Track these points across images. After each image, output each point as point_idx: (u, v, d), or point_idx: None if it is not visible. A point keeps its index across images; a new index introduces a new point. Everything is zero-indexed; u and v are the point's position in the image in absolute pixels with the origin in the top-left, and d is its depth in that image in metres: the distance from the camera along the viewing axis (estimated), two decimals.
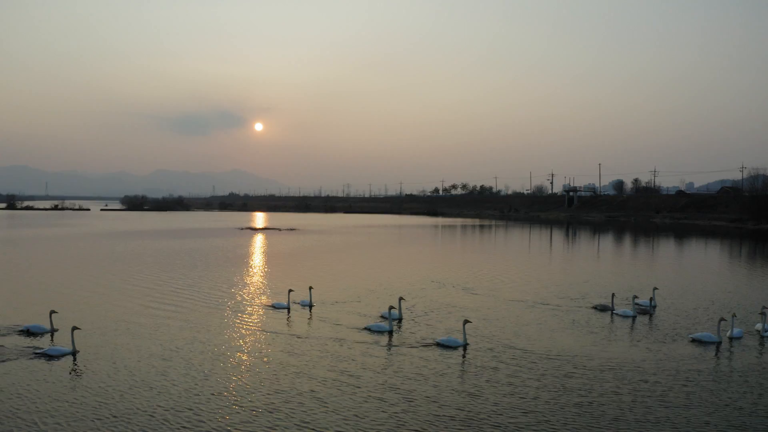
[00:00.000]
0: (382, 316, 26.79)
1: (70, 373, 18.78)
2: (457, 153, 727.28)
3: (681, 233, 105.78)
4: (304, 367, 19.41)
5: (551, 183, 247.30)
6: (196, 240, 75.90)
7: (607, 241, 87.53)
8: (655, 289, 31.94)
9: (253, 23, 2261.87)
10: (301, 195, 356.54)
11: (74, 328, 21.19)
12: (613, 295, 30.65)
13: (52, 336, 23.23)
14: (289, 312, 28.22)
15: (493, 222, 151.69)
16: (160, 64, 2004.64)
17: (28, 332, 23.56)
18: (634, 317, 27.97)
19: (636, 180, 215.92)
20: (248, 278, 39.98)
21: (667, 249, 75.05)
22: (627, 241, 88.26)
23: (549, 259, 59.05)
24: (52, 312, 24.12)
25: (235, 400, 16.42)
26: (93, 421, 14.99)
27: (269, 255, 57.49)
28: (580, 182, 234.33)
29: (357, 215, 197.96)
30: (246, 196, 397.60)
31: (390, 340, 23.34)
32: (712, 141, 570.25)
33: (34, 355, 20.50)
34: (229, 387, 17.49)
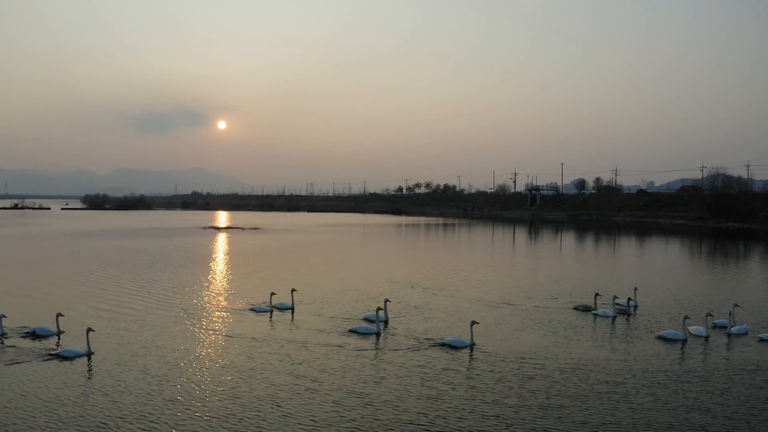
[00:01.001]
0: (365, 319, 26.31)
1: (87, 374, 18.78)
2: (420, 152, 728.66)
3: (644, 231, 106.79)
4: (297, 373, 18.89)
5: (514, 182, 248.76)
6: (159, 240, 74.42)
7: (573, 240, 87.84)
8: (636, 289, 31.81)
9: (215, 21, 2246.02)
10: (265, 194, 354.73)
11: (89, 330, 20.85)
12: (596, 295, 30.49)
13: (58, 338, 22.75)
14: (271, 316, 27.49)
15: (457, 221, 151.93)
16: (121, 61, 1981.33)
17: (34, 334, 23.07)
18: (614, 317, 27.82)
19: (598, 179, 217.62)
20: (220, 280, 38.96)
21: (633, 247, 75.63)
22: (593, 239, 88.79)
23: (520, 259, 58.87)
24: (59, 315, 23.60)
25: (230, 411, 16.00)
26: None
27: (237, 255, 56.48)
28: (542, 181, 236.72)
29: (321, 214, 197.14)
30: (209, 195, 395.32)
31: (378, 342, 22.97)
32: (673, 141, 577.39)
33: (49, 356, 20.24)
34: (216, 395, 16.98)
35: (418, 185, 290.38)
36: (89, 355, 20.32)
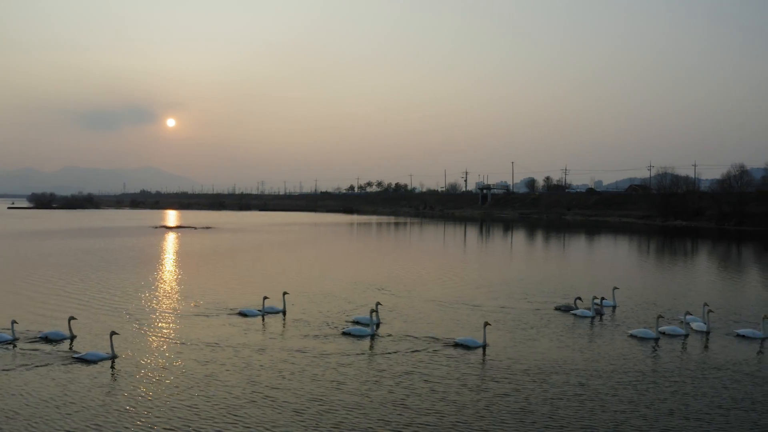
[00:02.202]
0: (355, 321, 25.92)
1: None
2: (372, 151, 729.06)
3: (595, 230, 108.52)
4: (314, 380, 18.32)
5: (465, 181, 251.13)
6: (113, 240, 72.18)
7: (531, 240, 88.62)
8: (615, 288, 31.75)
9: (162, 15, 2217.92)
10: (215, 192, 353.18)
11: (113, 333, 20.48)
12: (576, 299, 30.32)
13: (71, 343, 22.05)
14: (263, 319, 26.74)
15: (409, 219, 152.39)
16: (65, 57, 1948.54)
17: (46, 339, 22.35)
18: (593, 317, 27.77)
19: (548, 178, 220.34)
20: (196, 282, 37.40)
21: (589, 246, 77.00)
22: (550, 238, 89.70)
23: (479, 259, 58.87)
24: (71, 318, 22.97)
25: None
26: None
27: (197, 256, 54.66)
28: (493, 180, 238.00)
29: (273, 213, 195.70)
30: (158, 194, 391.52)
31: (372, 344, 22.62)
32: (621, 140, 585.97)
33: (72, 360, 19.84)
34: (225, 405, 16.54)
35: (369, 184, 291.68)
36: (113, 358, 19.96)
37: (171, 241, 72.98)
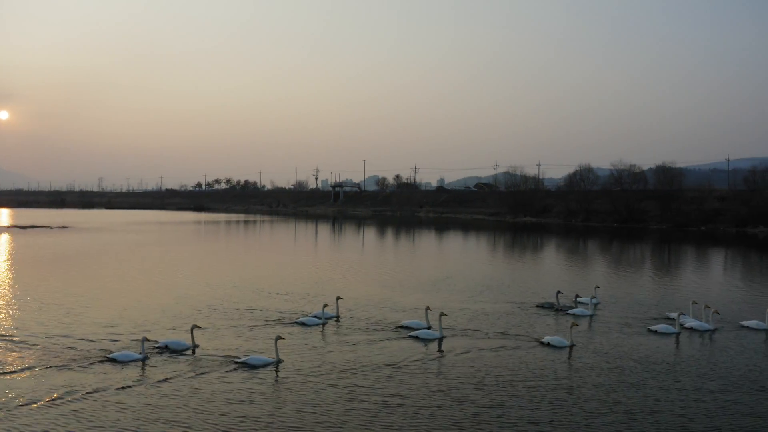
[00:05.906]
0: (404, 326, 25.44)
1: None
2: (219, 147, 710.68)
3: (452, 226, 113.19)
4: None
5: (316, 178, 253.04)
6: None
7: (406, 236, 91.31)
8: (596, 287, 32.09)
9: None
10: (53, 189, 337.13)
11: (278, 338, 20.62)
12: (558, 292, 30.60)
13: (193, 352, 21.41)
14: (323, 327, 25.89)
15: (265, 217, 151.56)
16: None
17: (166, 348, 21.60)
18: (591, 316, 27.99)
19: (398, 176, 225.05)
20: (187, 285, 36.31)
21: (455, 242, 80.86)
22: (424, 235, 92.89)
23: (394, 259, 60.40)
24: (194, 327, 22.21)
25: None
26: None
27: (100, 257, 52.85)
28: (343, 178, 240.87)
29: (120, 211, 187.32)
30: None
31: (440, 347, 22.72)
32: (467, 140, 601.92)
33: (235, 365, 19.87)
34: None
35: (218, 181, 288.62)
36: (278, 363, 20.11)
37: (37, 242, 67.41)
